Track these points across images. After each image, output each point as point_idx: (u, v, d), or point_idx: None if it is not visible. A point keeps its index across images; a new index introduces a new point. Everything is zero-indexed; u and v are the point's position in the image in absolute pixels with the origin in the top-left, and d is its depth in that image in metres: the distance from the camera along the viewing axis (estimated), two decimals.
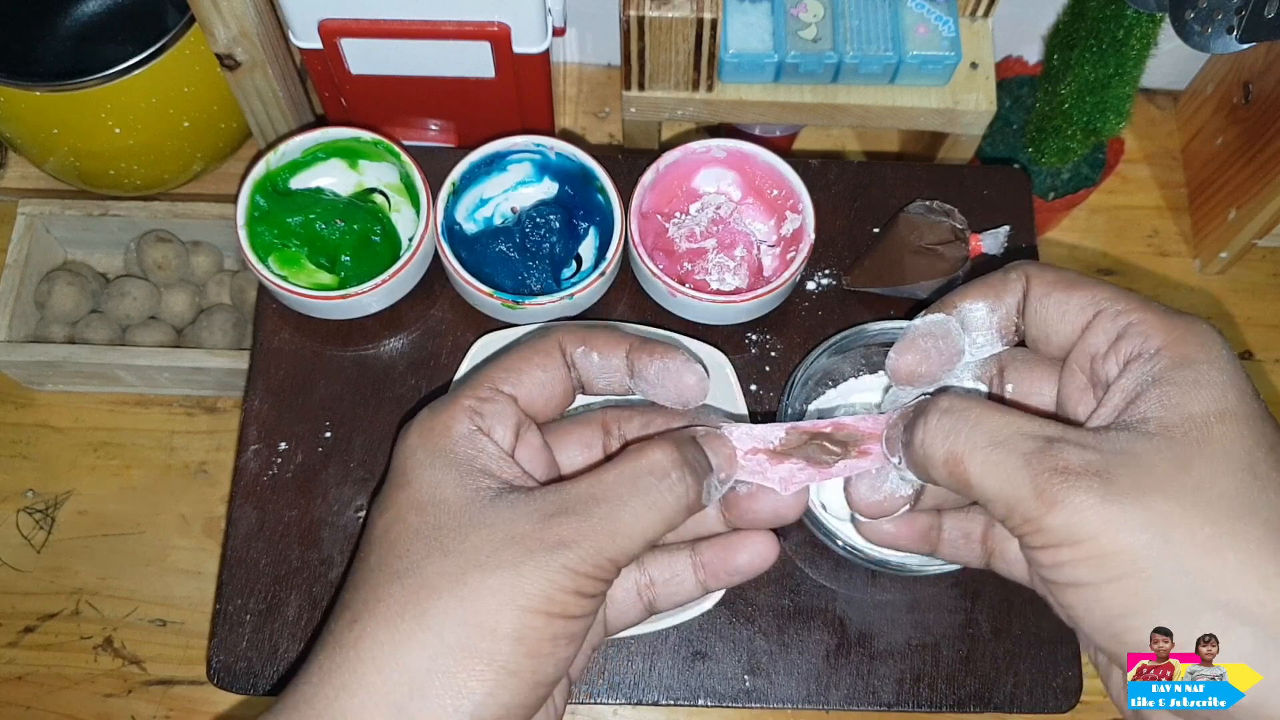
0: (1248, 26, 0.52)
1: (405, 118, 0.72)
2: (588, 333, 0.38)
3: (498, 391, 0.36)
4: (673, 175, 0.61)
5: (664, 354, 0.37)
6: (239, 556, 0.56)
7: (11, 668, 0.70)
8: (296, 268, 0.61)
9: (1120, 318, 0.33)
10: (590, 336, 0.38)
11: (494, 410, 0.36)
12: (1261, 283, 0.83)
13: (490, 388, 0.36)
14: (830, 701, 0.55)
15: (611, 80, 0.86)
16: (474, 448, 0.35)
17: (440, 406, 0.36)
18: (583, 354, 0.38)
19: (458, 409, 0.35)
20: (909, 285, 0.60)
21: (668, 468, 0.34)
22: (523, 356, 0.37)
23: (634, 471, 0.34)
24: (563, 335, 0.38)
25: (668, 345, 0.38)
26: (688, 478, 0.34)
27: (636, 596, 0.39)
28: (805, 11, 0.66)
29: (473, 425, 0.35)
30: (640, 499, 0.33)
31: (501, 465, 0.35)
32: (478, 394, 0.36)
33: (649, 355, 0.37)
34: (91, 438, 0.76)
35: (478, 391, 0.36)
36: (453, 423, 0.35)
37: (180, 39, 0.68)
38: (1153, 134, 0.87)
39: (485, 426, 0.35)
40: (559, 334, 0.38)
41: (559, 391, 0.38)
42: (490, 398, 0.36)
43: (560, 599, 0.32)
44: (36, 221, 0.76)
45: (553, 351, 0.38)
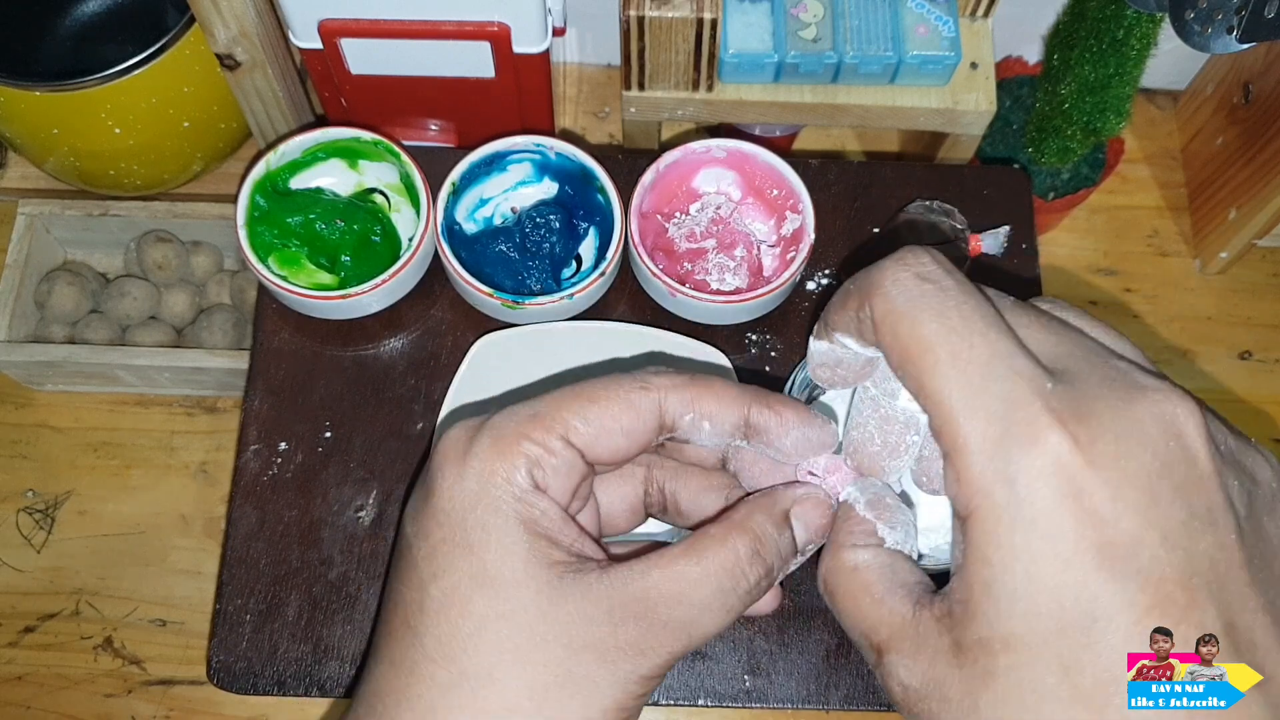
0: (1248, 26, 0.52)
1: (405, 118, 0.72)
2: (696, 393, 0.32)
3: (567, 444, 0.31)
4: (673, 175, 0.61)
5: (798, 420, 0.33)
6: (239, 556, 0.56)
7: (11, 668, 0.70)
8: (296, 268, 0.61)
9: (941, 440, 0.28)
10: (700, 399, 0.32)
11: (557, 466, 0.31)
12: (1261, 283, 0.83)
13: (561, 438, 0.31)
14: (830, 701, 0.55)
15: (611, 80, 0.86)
16: (537, 508, 0.31)
17: (501, 444, 0.31)
18: (691, 421, 0.32)
19: (518, 455, 0.31)
20: None
21: (746, 569, 0.31)
22: (609, 408, 0.32)
23: (717, 572, 0.31)
24: (667, 396, 0.32)
25: (797, 407, 0.33)
26: (764, 581, 0.32)
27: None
28: (805, 11, 0.66)
29: (533, 481, 0.31)
30: (719, 603, 0.31)
31: (562, 529, 0.31)
32: (544, 443, 0.31)
33: (780, 421, 0.32)
34: (91, 438, 0.76)
35: (545, 440, 0.31)
36: (514, 475, 0.31)
37: (180, 39, 0.68)
38: (1153, 134, 0.87)
39: (544, 482, 0.31)
40: (661, 392, 0.32)
41: (635, 451, 0.33)
42: (557, 451, 0.31)
43: (632, 704, 0.31)
44: (36, 221, 0.76)
45: (648, 413, 0.32)
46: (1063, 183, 0.77)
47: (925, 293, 0.29)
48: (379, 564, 0.56)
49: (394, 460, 0.58)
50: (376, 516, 0.57)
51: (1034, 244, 0.64)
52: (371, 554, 0.57)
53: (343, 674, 0.54)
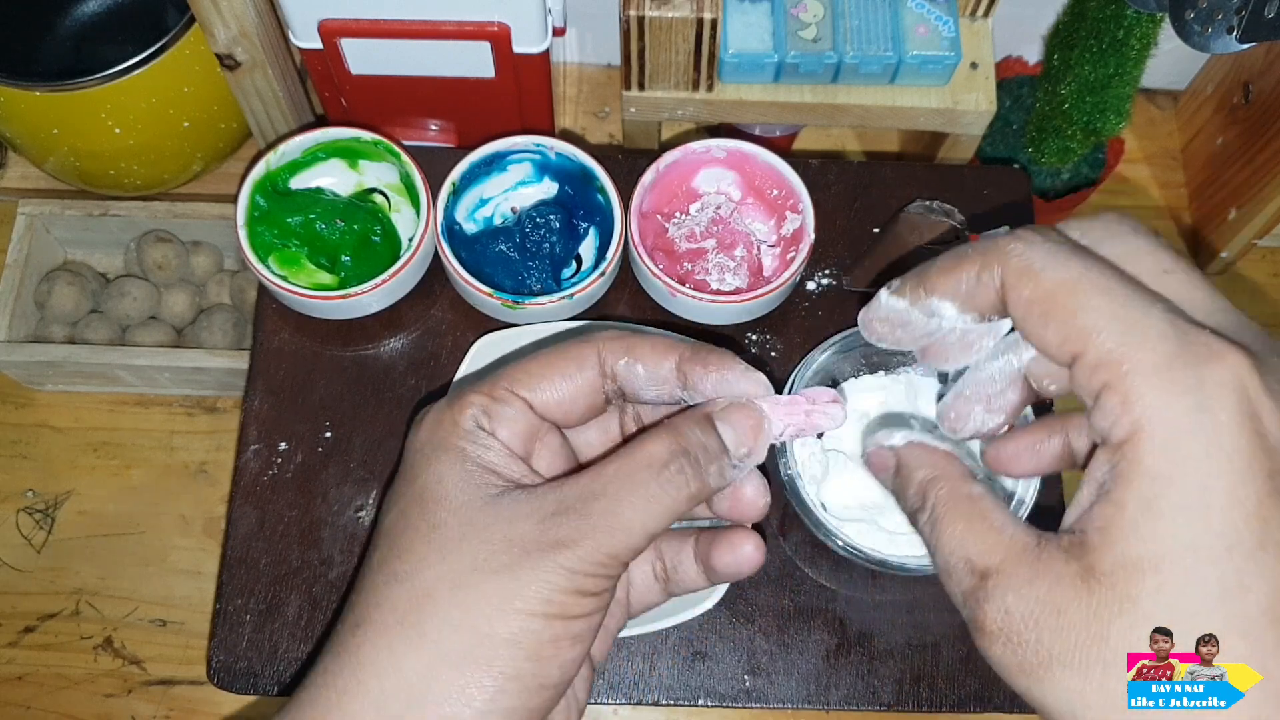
0: (1248, 26, 0.52)
1: (405, 118, 0.72)
2: (632, 341, 0.35)
3: (511, 394, 0.34)
4: (673, 175, 0.61)
5: (719, 364, 0.34)
6: (239, 556, 0.56)
7: (11, 668, 0.70)
8: (296, 268, 0.61)
9: (1098, 373, 0.27)
10: (635, 346, 0.35)
11: (503, 413, 0.34)
12: (1261, 283, 0.83)
13: (505, 388, 0.34)
14: (830, 702, 0.55)
15: (611, 80, 0.86)
16: (479, 444, 0.34)
17: (451, 400, 0.35)
18: (626, 365, 0.35)
19: (465, 404, 0.34)
20: None
21: (665, 459, 0.33)
22: (550, 361, 0.35)
23: (631, 465, 0.33)
24: (604, 344, 0.35)
25: (723, 354, 0.35)
26: (687, 468, 0.33)
27: (654, 579, 0.38)
28: (805, 11, 0.66)
29: (477, 424, 0.34)
30: (639, 493, 0.32)
31: (507, 464, 0.34)
32: (491, 392, 0.34)
33: (703, 367, 0.34)
34: (91, 438, 0.76)
35: (492, 390, 0.34)
36: (460, 418, 0.34)
37: (180, 39, 0.68)
38: (1153, 134, 0.87)
39: (490, 427, 0.34)
40: (599, 342, 0.35)
41: (584, 403, 0.35)
42: (502, 399, 0.34)
43: (559, 600, 0.31)
44: (36, 221, 0.76)
45: (586, 360, 0.35)
46: (1063, 183, 0.77)
47: (1059, 248, 0.29)
48: None
49: (394, 460, 0.58)
50: (376, 516, 0.57)
51: None
52: None
53: None
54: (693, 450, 0.33)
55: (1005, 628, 0.28)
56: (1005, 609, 0.28)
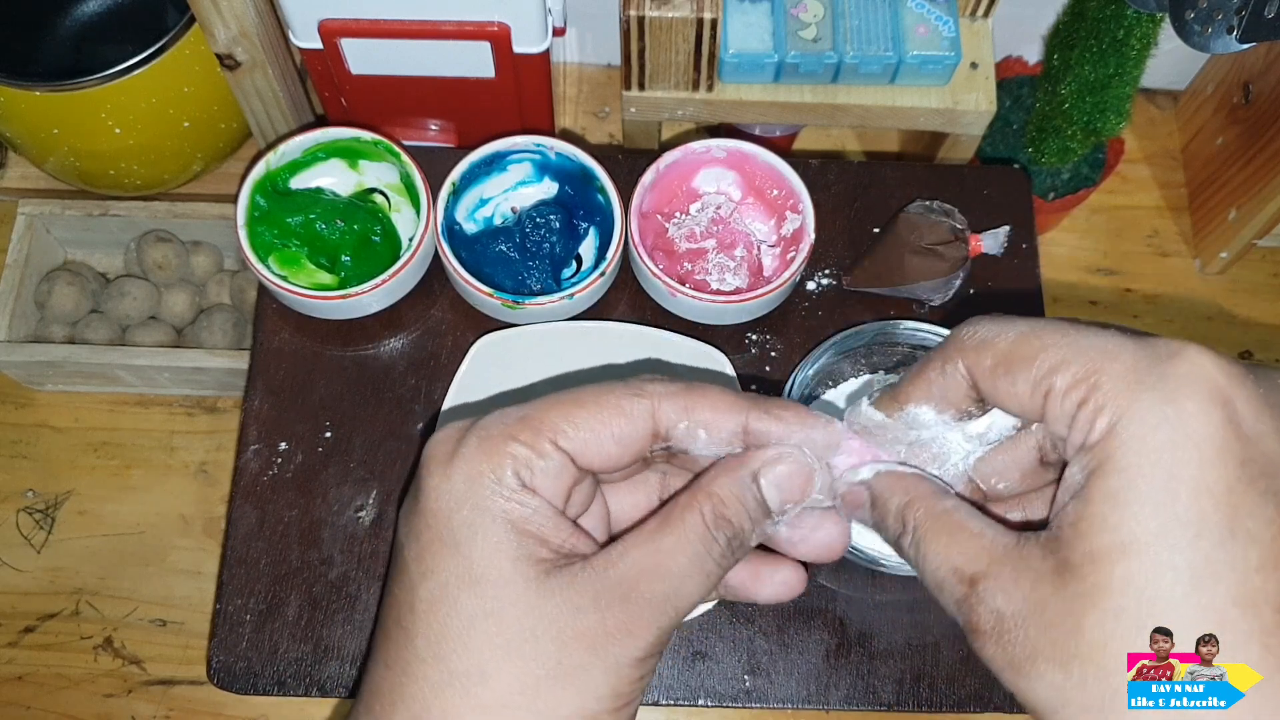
0: (1248, 26, 0.52)
1: (405, 118, 0.72)
2: (691, 401, 0.32)
3: (555, 447, 0.31)
4: (673, 175, 0.61)
5: (800, 423, 0.32)
6: (239, 556, 0.56)
7: (11, 668, 0.70)
8: (296, 268, 0.61)
9: (1070, 397, 0.28)
10: (695, 407, 0.32)
11: (545, 468, 0.31)
12: (1261, 283, 0.83)
13: (549, 439, 0.31)
14: (830, 701, 0.55)
15: (611, 80, 0.86)
16: (525, 506, 0.31)
17: (487, 444, 0.31)
18: (686, 430, 0.32)
19: (505, 455, 0.31)
20: (909, 285, 0.60)
21: (714, 533, 0.31)
22: (599, 415, 0.32)
23: (688, 540, 0.31)
24: (660, 402, 0.32)
25: (797, 410, 0.33)
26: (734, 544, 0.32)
27: None
28: (805, 11, 0.66)
29: (520, 481, 0.31)
30: (699, 568, 0.31)
31: (554, 527, 0.31)
32: (532, 444, 0.31)
33: (781, 426, 0.32)
34: (91, 438, 0.76)
35: (534, 442, 0.31)
36: (501, 474, 0.31)
37: (180, 39, 0.68)
38: (1153, 134, 0.87)
39: (531, 483, 0.31)
40: (655, 399, 0.32)
41: (629, 461, 0.32)
42: (546, 453, 0.31)
43: (627, 690, 0.31)
44: (36, 221, 0.76)
45: (639, 420, 0.32)
46: (1063, 183, 0.77)
47: (1006, 317, 0.30)
48: (379, 564, 0.56)
49: (394, 460, 0.58)
50: (376, 516, 0.57)
51: (1034, 244, 0.64)
52: (371, 554, 0.57)
53: (343, 674, 0.54)
54: (736, 520, 0.32)
55: (997, 628, 0.28)
56: (996, 610, 0.28)
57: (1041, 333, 0.29)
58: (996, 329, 0.30)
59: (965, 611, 0.29)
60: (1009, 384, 0.29)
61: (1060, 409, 0.28)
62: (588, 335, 0.58)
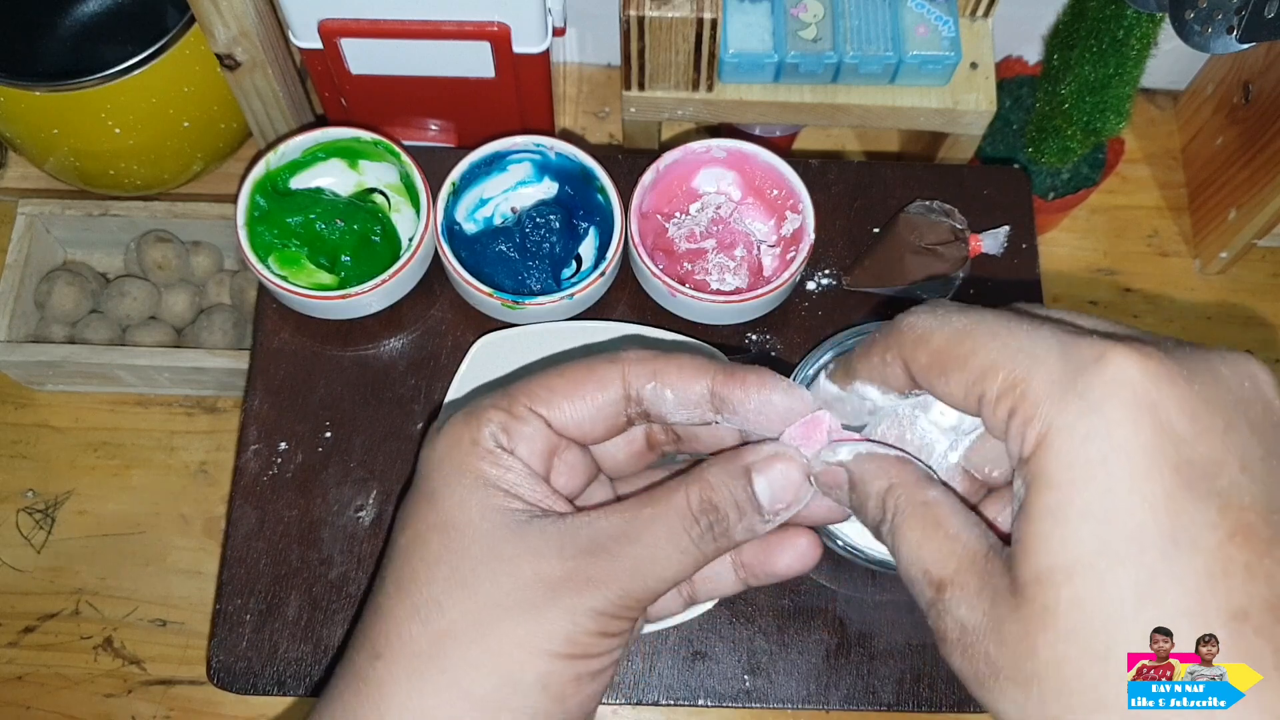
0: (1248, 26, 0.52)
1: (405, 118, 0.72)
2: (660, 364, 0.33)
3: (531, 411, 0.33)
4: (673, 175, 0.61)
5: (759, 385, 0.33)
6: (239, 556, 0.56)
7: (11, 668, 0.70)
8: (296, 268, 0.61)
9: (1001, 405, 0.27)
10: (662, 369, 0.33)
11: (521, 432, 0.33)
12: (1261, 283, 0.83)
13: (525, 405, 0.33)
14: (830, 701, 0.55)
15: (611, 80, 0.86)
16: (500, 465, 0.33)
17: (469, 414, 0.33)
18: (653, 390, 0.33)
19: (484, 420, 0.33)
20: (909, 285, 0.60)
21: (697, 514, 0.32)
22: (572, 379, 0.34)
23: (668, 513, 0.32)
24: (629, 366, 0.33)
25: (761, 373, 0.33)
26: (715, 527, 0.32)
27: (676, 591, 0.37)
28: (805, 11, 0.66)
29: (496, 443, 0.33)
30: (673, 543, 0.32)
31: (529, 486, 0.33)
32: (510, 408, 0.33)
33: (742, 389, 0.33)
34: (91, 438, 0.76)
35: (511, 406, 0.33)
36: (479, 435, 0.33)
37: (180, 39, 0.68)
38: (1153, 134, 0.87)
39: (509, 444, 0.33)
40: (625, 364, 0.33)
41: (604, 425, 0.34)
42: (521, 417, 0.33)
43: (584, 641, 0.31)
44: (36, 221, 0.76)
45: (610, 383, 0.33)
46: (1063, 183, 0.77)
47: (946, 310, 0.30)
48: None
49: (394, 460, 0.58)
50: (376, 516, 0.57)
51: (1034, 244, 0.64)
52: (371, 554, 0.57)
53: None
54: (722, 507, 0.32)
55: (962, 639, 0.28)
56: (960, 621, 0.28)
57: (975, 331, 0.28)
58: (933, 324, 0.29)
59: (933, 617, 0.29)
60: (944, 384, 0.29)
61: (994, 418, 0.27)
62: (588, 335, 0.58)
